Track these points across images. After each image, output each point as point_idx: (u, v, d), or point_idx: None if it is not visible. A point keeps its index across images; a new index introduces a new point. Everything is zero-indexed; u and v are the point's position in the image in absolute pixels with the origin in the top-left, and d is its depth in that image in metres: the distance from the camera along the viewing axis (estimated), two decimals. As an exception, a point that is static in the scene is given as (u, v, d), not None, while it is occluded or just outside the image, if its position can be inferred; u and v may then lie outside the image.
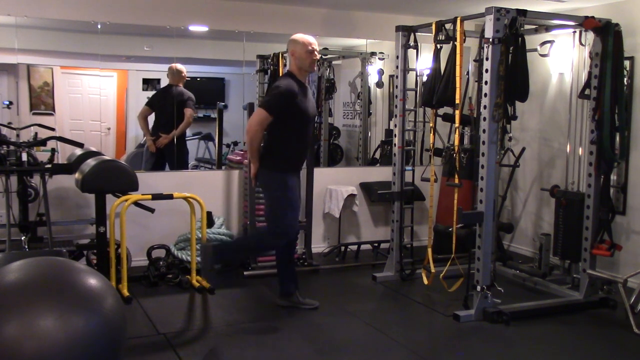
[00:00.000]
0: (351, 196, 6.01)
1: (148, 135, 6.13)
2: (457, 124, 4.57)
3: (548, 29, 4.75)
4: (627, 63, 4.91)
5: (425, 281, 4.77)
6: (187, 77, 6.13)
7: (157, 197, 4.59)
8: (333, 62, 6.68)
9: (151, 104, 6.20)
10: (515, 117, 4.30)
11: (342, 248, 5.95)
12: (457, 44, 4.47)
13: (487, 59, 4.11)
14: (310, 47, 4.07)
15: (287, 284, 4.45)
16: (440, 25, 4.66)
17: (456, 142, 4.59)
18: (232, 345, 3.83)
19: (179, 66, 6.04)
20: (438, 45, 4.73)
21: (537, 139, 6.08)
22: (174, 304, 4.56)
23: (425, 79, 5.14)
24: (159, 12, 5.50)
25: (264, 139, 4.16)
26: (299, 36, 4.13)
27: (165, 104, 6.09)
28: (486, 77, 4.13)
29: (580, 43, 4.66)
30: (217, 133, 6.42)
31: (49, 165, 4.68)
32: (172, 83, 6.11)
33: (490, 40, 4.07)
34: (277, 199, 4.13)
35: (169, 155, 6.08)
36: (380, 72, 6.69)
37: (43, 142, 4.92)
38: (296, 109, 4.05)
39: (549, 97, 5.93)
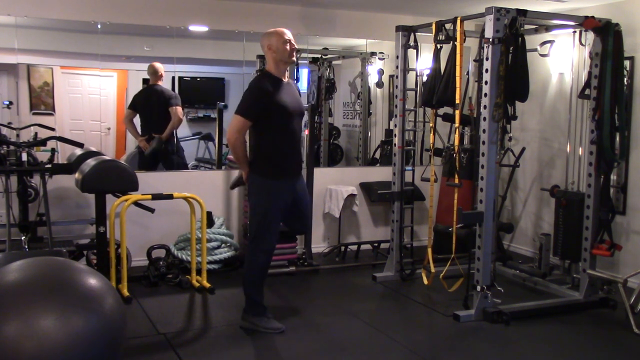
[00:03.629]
0: (351, 196, 6.01)
1: (138, 137, 6.03)
2: (457, 124, 4.57)
3: (548, 29, 4.75)
4: (627, 63, 4.91)
5: (425, 281, 4.77)
6: (187, 77, 6.10)
7: (157, 197, 4.60)
8: (333, 62, 6.68)
9: (134, 106, 6.06)
10: (515, 117, 4.30)
11: (342, 248, 5.95)
12: (457, 44, 4.47)
13: (487, 59, 4.11)
14: (285, 37, 3.86)
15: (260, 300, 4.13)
16: (440, 25, 4.66)
17: (456, 142, 4.58)
18: (232, 345, 3.83)
19: (156, 65, 5.95)
20: (438, 45, 4.73)
21: (537, 139, 6.08)
22: (174, 304, 4.56)
23: (425, 79, 5.14)
24: (159, 12, 5.50)
25: (251, 142, 3.96)
26: (272, 30, 3.93)
27: (149, 105, 6.00)
28: (486, 77, 4.13)
29: (580, 43, 4.66)
30: (217, 133, 6.41)
31: (49, 165, 4.68)
32: (151, 82, 6.04)
33: (490, 40, 4.07)
34: (260, 206, 3.91)
35: (162, 157, 6.04)
36: (380, 72, 6.69)
37: (43, 142, 4.91)
38: (273, 106, 3.79)
39: (549, 97, 5.93)
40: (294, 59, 3.95)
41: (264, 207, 3.91)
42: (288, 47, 3.85)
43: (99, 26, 5.35)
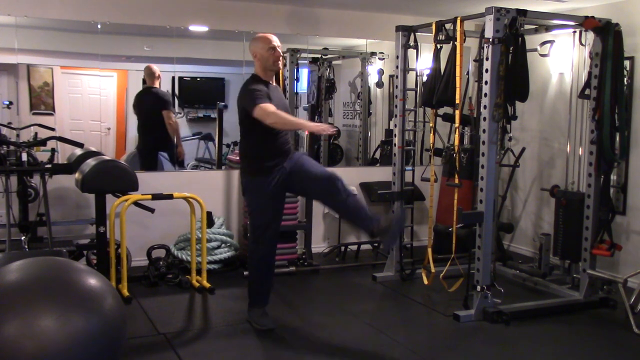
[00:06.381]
0: (351, 196, 5.99)
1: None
2: (457, 124, 4.57)
3: (548, 29, 4.75)
4: (627, 63, 4.90)
5: (425, 281, 4.77)
6: (187, 77, 6.11)
7: (157, 197, 4.60)
8: (333, 62, 6.68)
9: (134, 107, 6.11)
10: (515, 117, 4.30)
11: (342, 248, 5.95)
12: (457, 44, 4.47)
13: (487, 59, 4.11)
14: (271, 45, 3.88)
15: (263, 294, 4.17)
16: (440, 25, 4.66)
17: (456, 142, 4.59)
18: (232, 345, 3.83)
19: (153, 67, 5.94)
20: (438, 45, 4.73)
21: (537, 139, 6.08)
22: (174, 304, 4.56)
23: (425, 79, 5.14)
24: (159, 12, 5.50)
25: (240, 146, 4.04)
26: (258, 35, 3.97)
27: (144, 106, 6.01)
28: (486, 77, 4.13)
29: (580, 43, 4.66)
30: (217, 133, 6.41)
31: (49, 165, 4.68)
32: (148, 85, 6.03)
33: (490, 40, 4.07)
34: (254, 203, 4.03)
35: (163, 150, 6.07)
36: (380, 72, 6.69)
37: (43, 142, 4.91)
38: None
39: (549, 97, 5.93)
40: (279, 66, 3.98)
41: (257, 204, 4.01)
42: (273, 55, 3.88)
43: (99, 26, 5.35)
